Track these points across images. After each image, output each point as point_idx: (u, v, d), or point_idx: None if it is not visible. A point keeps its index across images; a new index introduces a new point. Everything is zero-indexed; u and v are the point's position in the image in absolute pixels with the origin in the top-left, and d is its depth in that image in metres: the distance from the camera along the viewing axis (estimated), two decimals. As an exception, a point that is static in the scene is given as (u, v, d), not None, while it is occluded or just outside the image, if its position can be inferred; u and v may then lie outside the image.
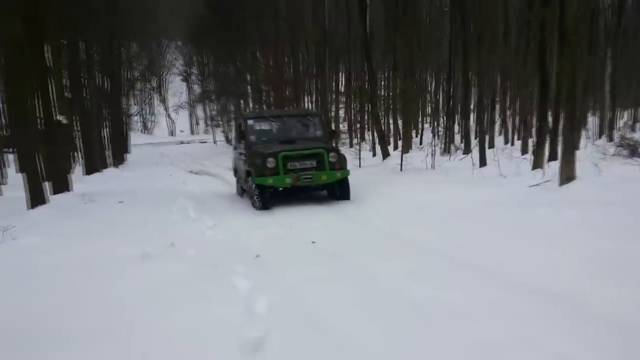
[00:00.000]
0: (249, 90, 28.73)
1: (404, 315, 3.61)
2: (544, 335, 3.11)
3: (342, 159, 8.84)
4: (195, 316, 3.65)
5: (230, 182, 12.69)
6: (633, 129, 20.16)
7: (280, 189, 8.49)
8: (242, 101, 29.49)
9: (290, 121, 9.94)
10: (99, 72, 20.05)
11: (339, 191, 8.91)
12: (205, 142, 38.33)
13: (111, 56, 20.53)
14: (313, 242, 6.04)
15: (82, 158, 17.96)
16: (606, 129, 18.77)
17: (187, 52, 42.66)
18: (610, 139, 17.12)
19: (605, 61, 18.27)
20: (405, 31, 17.85)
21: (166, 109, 50.27)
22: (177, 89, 50.54)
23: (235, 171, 10.99)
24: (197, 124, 48.98)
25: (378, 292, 4.15)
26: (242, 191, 10.35)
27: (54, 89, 11.15)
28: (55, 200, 9.76)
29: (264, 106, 24.94)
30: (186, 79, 44.57)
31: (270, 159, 8.36)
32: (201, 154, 28.31)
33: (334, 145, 11.49)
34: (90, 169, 17.64)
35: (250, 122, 9.72)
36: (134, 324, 3.60)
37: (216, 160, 23.49)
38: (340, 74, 29.18)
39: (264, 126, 9.82)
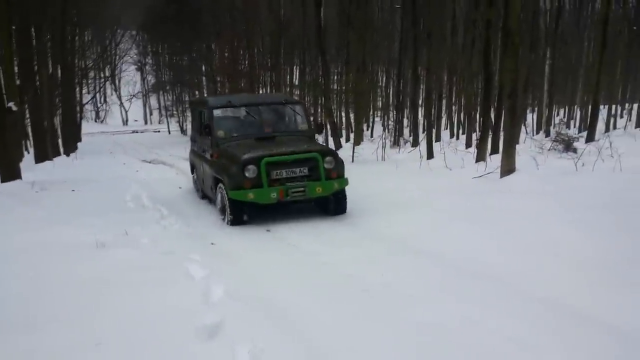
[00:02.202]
0: (204, 81, 28.54)
1: (354, 297, 3.94)
2: (488, 316, 3.47)
3: (339, 165, 6.88)
4: (151, 302, 3.78)
5: (184, 171, 12.69)
6: (568, 126, 21.30)
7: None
8: (197, 92, 29.24)
9: (268, 111, 7.94)
10: (52, 59, 19.52)
11: (334, 204, 6.99)
12: (159, 131, 37.76)
13: (64, 44, 19.99)
14: (268, 231, 6.34)
15: (32, 146, 17.52)
16: (544, 125, 19.81)
17: (141, 41, 41.83)
18: (547, 134, 18.07)
19: (544, 61, 19.26)
20: (358, 26, 18.24)
21: (120, 98, 49.09)
22: (131, 79, 49.42)
23: (193, 168, 9.38)
24: (151, 114, 48.13)
25: (331, 277, 4.46)
26: (202, 195, 8.73)
27: (1, 75, 10.87)
28: (5, 188, 9.56)
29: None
30: (140, 68, 43.68)
31: (250, 167, 6.37)
32: (155, 143, 27.91)
33: (324, 144, 9.63)
34: (41, 157, 17.22)
35: (217, 112, 7.65)
36: (91, 310, 3.68)
37: (170, 150, 23.27)
38: (294, 66, 29.37)
39: (235, 117, 7.91)
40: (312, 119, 8.57)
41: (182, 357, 2.96)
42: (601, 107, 22.11)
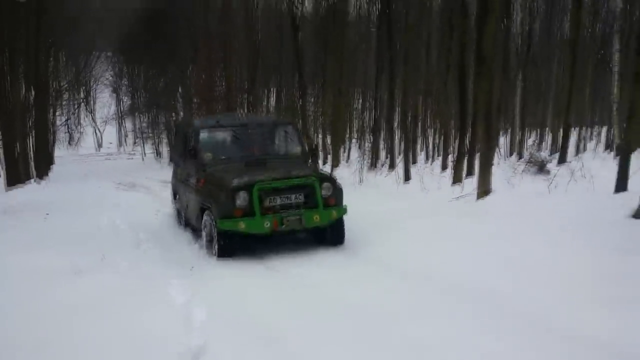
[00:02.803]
0: (180, 104, 28.46)
1: (338, 316, 3.96)
2: (466, 333, 3.54)
3: (338, 192, 6.37)
4: (132, 327, 3.74)
5: (161, 196, 12.56)
6: (540, 148, 21.82)
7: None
8: (173, 114, 29.10)
9: (258, 132, 7.40)
10: (25, 80, 19.26)
11: (330, 234, 6.42)
12: (133, 154, 37.44)
13: (38, 65, 19.74)
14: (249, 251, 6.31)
15: (3, 170, 17.16)
16: (516, 147, 20.27)
17: (117, 63, 41.59)
18: (520, 156, 18.49)
19: (516, 84, 19.81)
20: (334, 49, 18.50)
21: (94, 120, 48.56)
22: (106, 101, 49.00)
23: (176, 195, 8.71)
24: (127, 136, 47.65)
25: (315, 299, 4.48)
26: (186, 224, 7.97)
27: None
28: (-26, 215, 9.38)
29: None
30: (116, 90, 43.38)
31: (241, 194, 5.82)
32: (129, 168, 27.67)
33: (320, 169, 9.05)
34: (12, 182, 16.85)
35: (203, 133, 7.08)
36: (68, 335, 3.62)
37: (145, 173, 23.06)
38: (271, 89, 29.53)
39: (223, 139, 7.31)
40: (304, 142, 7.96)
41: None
42: (572, 129, 22.77)
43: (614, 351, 3.13)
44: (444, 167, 14.98)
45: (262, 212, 5.84)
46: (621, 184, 7.60)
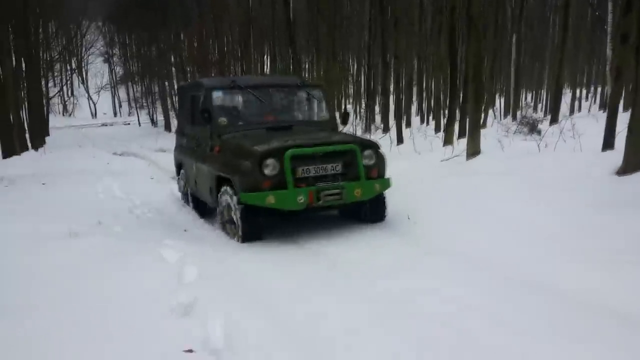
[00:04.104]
0: (173, 72, 28.29)
1: (318, 270, 4.11)
2: (445, 286, 3.71)
3: (381, 161, 5.59)
4: (127, 286, 3.85)
5: (155, 162, 12.65)
6: (535, 109, 21.85)
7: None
8: (166, 82, 28.95)
9: (280, 95, 6.52)
10: (15, 51, 19.10)
11: (370, 210, 5.74)
12: (128, 124, 37.28)
13: (27, 36, 19.54)
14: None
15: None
16: (511, 108, 20.31)
17: (108, 32, 41.06)
18: (515, 118, 18.54)
19: (511, 45, 19.71)
20: (327, 15, 18.32)
21: (87, 90, 48.14)
22: (98, 70, 48.49)
23: (180, 167, 7.71)
24: (121, 106, 47.34)
25: (300, 253, 4.63)
26: (194, 200, 7.13)
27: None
28: (-28, 184, 9.47)
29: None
30: (108, 60, 42.91)
31: (270, 161, 4.99)
32: (125, 136, 27.62)
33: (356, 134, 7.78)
34: (8, 152, 16.91)
35: (216, 94, 6.14)
36: (66, 295, 3.72)
37: (141, 142, 23.09)
38: (265, 55, 29.29)
39: (240, 102, 6.38)
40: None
41: (159, 332, 3.06)
42: (567, 90, 22.79)
43: (591, 303, 3.26)
44: (437, 129, 15.05)
45: (295, 183, 5.01)
46: (608, 142, 7.70)
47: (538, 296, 3.41)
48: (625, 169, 6.09)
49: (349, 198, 5.14)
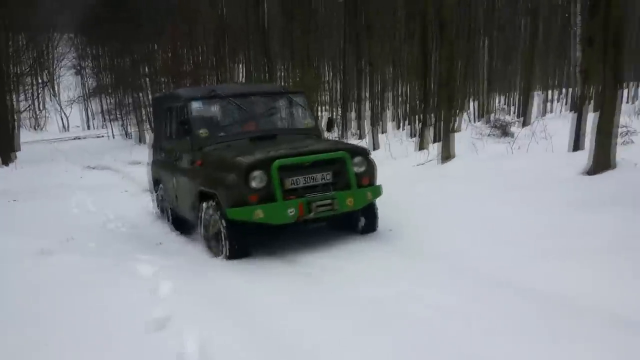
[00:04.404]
0: (147, 83, 28.03)
1: (296, 279, 4.09)
2: (421, 289, 3.72)
3: (372, 168, 5.37)
4: (101, 302, 3.77)
5: (129, 175, 12.49)
6: (508, 112, 22.20)
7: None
8: (140, 94, 28.64)
9: (262, 104, 6.22)
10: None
11: (362, 220, 5.46)
12: (101, 136, 36.76)
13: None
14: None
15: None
16: (484, 112, 20.60)
17: (79, 44, 40.48)
18: (487, 121, 18.81)
19: (483, 50, 20.03)
20: (302, 20, 18.36)
21: (59, 103, 47.36)
22: (70, 83, 47.77)
23: (158, 183, 7.31)
24: (93, 118, 46.68)
25: (278, 263, 4.60)
26: (173, 217, 6.72)
27: None
28: (-61, 203, 9.22)
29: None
30: (79, 72, 42.29)
31: (256, 173, 4.72)
32: (98, 149, 27.22)
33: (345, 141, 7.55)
34: (-25, 170, 16.54)
35: (196, 104, 5.82)
36: (37, 312, 3.64)
37: (114, 154, 22.77)
38: (239, 64, 29.19)
39: (220, 112, 6.04)
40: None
41: (134, 348, 3.01)
42: (539, 92, 23.20)
43: (570, 303, 3.29)
44: (412, 134, 15.18)
45: (284, 195, 4.75)
46: (577, 143, 7.87)
47: (519, 298, 3.42)
48: (594, 169, 6.22)
49: (341, 208, 4.90)
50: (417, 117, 15.91)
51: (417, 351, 2.83)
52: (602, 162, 6.20)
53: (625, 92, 20.13)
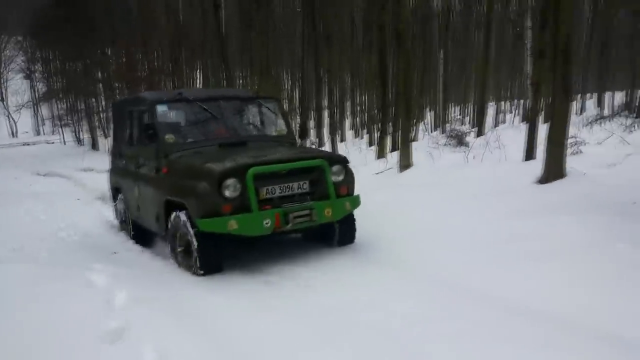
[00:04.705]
0: (100, 88, 27.35)
1: (252, 288, 4.05)
2: (382, 298, 3.75)
3: (350, 177, 5.14)
4: (53, 313, 3.62)
5: (81, 182, 12.12)
6: (463, 122, 22.79)
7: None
8: (93, 99, 27.92)
9: (232, 109, 5.87)
10: None
11: (339, 231, 5.22)
12: (52, 142, 35.57)
13: None
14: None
15: None
16: (440, 122, 21.09)
17: (29, 47, 39.10)
18: (443, 131, 19.26)
19: (438, 61, 20.53)
20: (260, 29, 18.30)
21: (7, 108, 45.54)
22: (18, 87, 46.05)
23: (117, 192, 6.87)
24: (44, 124, 45.12)
25: (233, 271, 4.55)
26: (135, 228, 6.31)
27: None
28: None
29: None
30: (29, 76, 40.81)
31: (230, 182, 4.42)
32: (49, 155, 26.35)
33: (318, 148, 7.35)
34: None
35: (161, 108, 5.47)
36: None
37: (66, 161, 22.09)
38: (197, 71, 28.88)
39: (187, 117, 5.68)
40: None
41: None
42: (492, 103, 23.90)
43: (517, 305, 3.41)
44: (370, 143, 15.35)
45: (259, 205, 4.48)
46: (529, 153, 8.13)
47: (475, 302, 3.50)
48: (546, 178, 6.44)
49: (319, 219, 4.66)
50: (375, 126, 16.11)
51: (375, 356, 2.84)
52: (554, 171, 6.43)
53: (574, 104, 20.97)
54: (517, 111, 26.46)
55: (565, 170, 6.45)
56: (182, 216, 4.68)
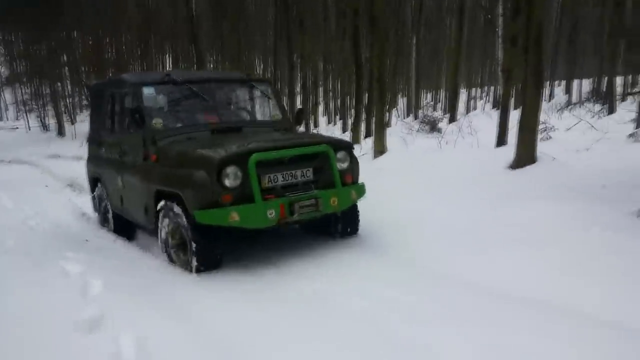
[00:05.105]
0: (67, 72, 26.64)
1: (231, 279, 4.02)
2: (352, 279, 3.77)
3: (355, 164, 4.86)
4: (27, 303, 3.55)
5: (48, 169, 11.81)
6: (435, 108, 23.00)
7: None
8: (59, 83, 27.18)
9: (224, 93, 5.61)
10: None
11: (342, 222, 4.99)
12: (16, 128, 34.58)
13: None
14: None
15: None
16: (413, 108, 21.23)
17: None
18: (416, 117, 19.41)
19: (411, 47, 20.61)
20: (231, 13, 18.07)
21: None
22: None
23: (96, 182, 6.43)
24: (7, 109, 43.77)
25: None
26: (117, 222, 5.97)
27: None
28: None
29: (85, 89, 23.42)
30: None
31: (230, 169, 4.08)
32: (13, 142, 25.62)
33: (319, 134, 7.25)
34: None
35: (148, 91, 5.05)
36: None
37: (31, 148, 21.52)
38: (166, 55, 28.39)
39: (176, 100, 5.23)
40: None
41: (65, 350, 2.85)
42: (463, 90, 24.17)
43: (496, 292, 3.47)
44: (344, 129, 15.36)
45: (263, 195, 4.14)
46: (501, 139, 8.24)
47: (455, 289, 3.56)
48: (518, 163, 6.54)
49: (325, 209, 4.36)
50: (349, 111, 16.12)
51: (359, 342, 2.86)
52: (525, 156, 6.53)
53: (543, 90, 21.31)
54: (487, 98, 26.83)
55: (536, 155, 6.57)
56: (176, 208, 4.34)
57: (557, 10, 23.82)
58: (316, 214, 4.35)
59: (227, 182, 4.03)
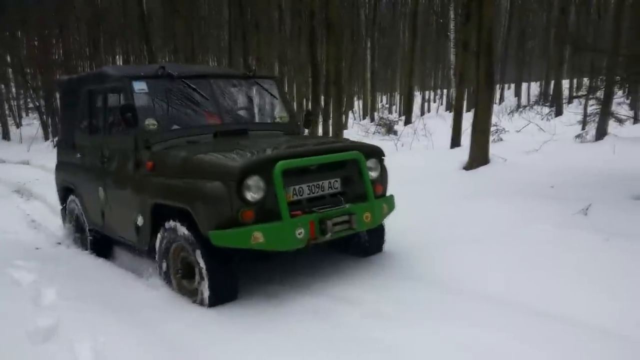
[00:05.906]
0: (11, 74, 25.60)
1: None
2: (327, 280, 3.81)
3: (384, 172, 4.24)
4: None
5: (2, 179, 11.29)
6: (390, 111, 23.36)
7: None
8: (2, 85, 26.09)
9: (225, 91, 4.78)
10: None
11: (368, 238, 4.32)
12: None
13: None
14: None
15: None
16: (369, 110, 21.52)
17: None
18: (372, 119, 19.66)
19: (366, 51, 20.91)
20: (185, 15, 17.81)
21: None
22: None
23: (68, 194, 5.49)
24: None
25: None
26: (96, 240, 5.11)
27: None
28: None
29: (31, 91, 22.57)
30: None
31: (253, 179, 3.34)
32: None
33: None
34: None
35: (139, 86, 4.23)
36: None
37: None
38: (117, 56, 27.70)
39: (172, 98, 4.38)
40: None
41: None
42: (417, 93, 24.64)
43: (453, 287, 3.55)
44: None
45: (290, 211, 3.40)
46: (456, 141, 8.46)
47: (418, 285, 3.62)
48: (471, 164, 6.74)
49: (360, 226, 3.72)
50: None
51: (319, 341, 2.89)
52: (479, 158, 6.74)
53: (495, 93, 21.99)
54: (441, 100, 27.46)
55: (489, 157, 6.77)
56: (179, 227, 3.63)
57: (506, 16, 24.63)
58: (349, 232, 3.69)
59: (249, 196, 3.32)
